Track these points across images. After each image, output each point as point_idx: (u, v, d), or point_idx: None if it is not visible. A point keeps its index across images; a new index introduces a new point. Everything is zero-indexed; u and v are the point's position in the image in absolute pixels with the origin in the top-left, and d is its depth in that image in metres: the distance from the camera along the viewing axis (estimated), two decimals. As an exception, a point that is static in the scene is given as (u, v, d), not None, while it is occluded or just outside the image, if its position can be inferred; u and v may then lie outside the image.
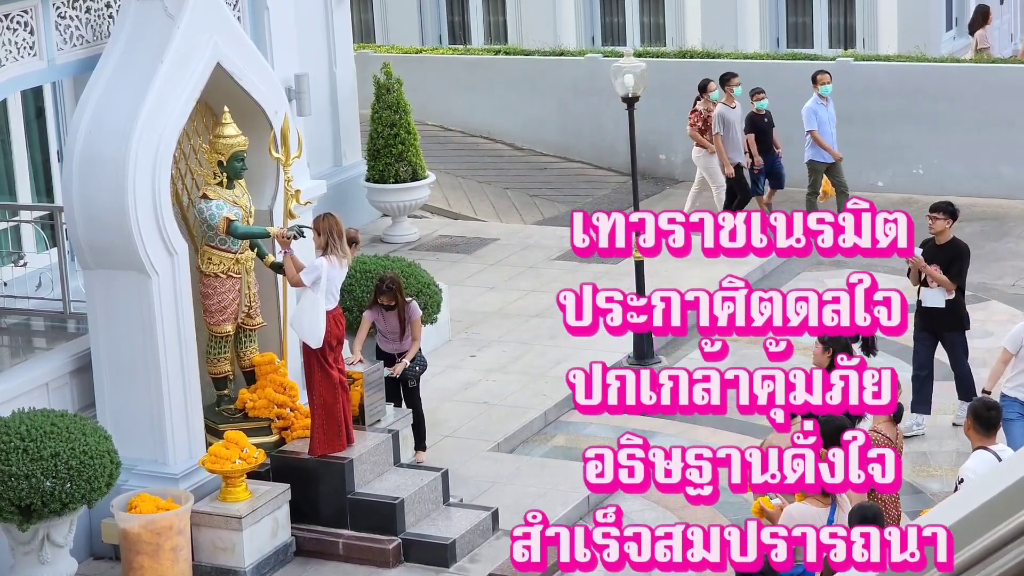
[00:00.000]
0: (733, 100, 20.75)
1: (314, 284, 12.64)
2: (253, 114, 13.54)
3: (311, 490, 12.95)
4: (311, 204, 14.02)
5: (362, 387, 13.38)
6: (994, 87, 22.21)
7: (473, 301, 18.52)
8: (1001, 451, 10.96)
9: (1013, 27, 29.01)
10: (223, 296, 13.33)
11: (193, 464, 12.88)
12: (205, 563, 12.55)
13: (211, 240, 13.24)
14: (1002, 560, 5.18)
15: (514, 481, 14.04)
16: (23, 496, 11.46)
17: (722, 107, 20.63)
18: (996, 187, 22.12)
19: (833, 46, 26.30)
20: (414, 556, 12.75)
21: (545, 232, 21.17)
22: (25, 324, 14.71)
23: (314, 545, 12.90)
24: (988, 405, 11.16)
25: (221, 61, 13.13)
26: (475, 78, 25.13)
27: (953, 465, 13.97)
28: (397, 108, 20.54)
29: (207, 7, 13.02)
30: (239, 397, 13.52)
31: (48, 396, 12.86)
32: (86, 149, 12.66)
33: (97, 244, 12.73)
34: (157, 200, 12.65)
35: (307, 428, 13.16)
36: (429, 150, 22.33)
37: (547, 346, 16.93)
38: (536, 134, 24.73)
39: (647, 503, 13.61)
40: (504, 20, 28.40)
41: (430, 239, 20.91)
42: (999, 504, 5.21)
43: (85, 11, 13.21)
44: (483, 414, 15.52)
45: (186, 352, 12.92)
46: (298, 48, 15.38)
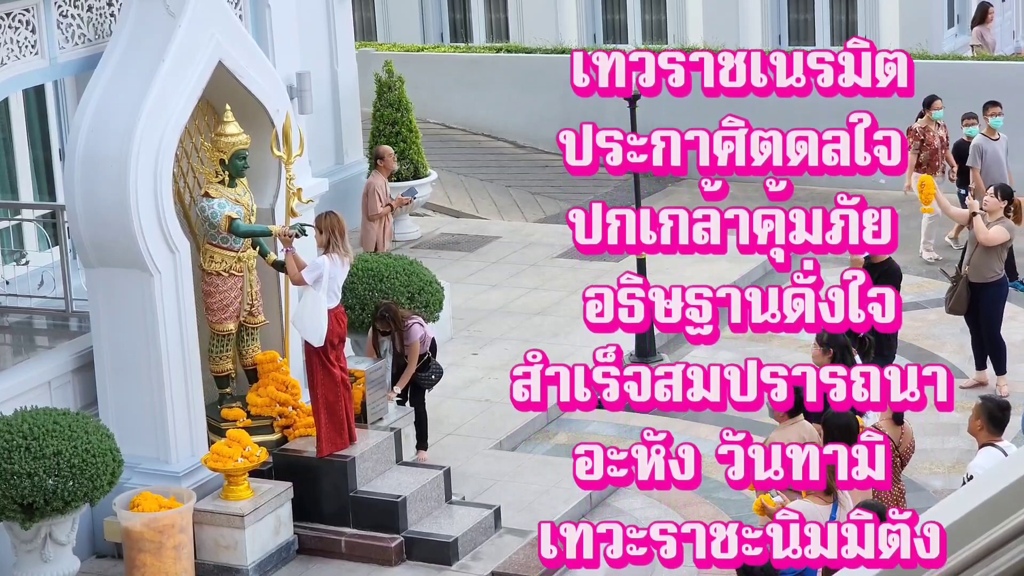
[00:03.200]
0: (995, 132, 19.02)
1: (316, 282, 12.64)
2: (255, 112, 13.54)
3: (313, 488, 12.95)
4: (313, 202, 14.03)
5: (364, 385, 13.37)
6: (996, 84, 22.18)
7: (475, 299, 18.52)
8: (1007, 447, 10.99)
9: (1016, 24, 29.00)
10: (225, 294, 13.33)
11: (195, 462, 12.88)
12: (207, 561, 12.55)
13: (213, 238, 13.24)
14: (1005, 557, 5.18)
15: (516, 479, 14.03)
16: (26, 494, 11.46)
17: (980, 137, 19.05)
18: (999, 184, 22.06)
19: (835, 43, 26.29)
20: (416, 554, 12.75)
21: (547, 230, 21.17)
22: (27, 322, 14.71)
23: (316, 543, 12.90)
24: (1002, 406, 11.19)
25: (223, 59, 13.13)
26: (477, 76, 25.13)
27: (955, 462, 13.98)
28: (399, 106, 20.54)
29: (209, 5, 13.01)
30: (248, 400, 13.51)
31: (50, 394, 12.86)
32: (88, 147, 12.65)
33: (99, 242, 12.73)
34: (159, 198, 12.65)
35: (309, 427, 13.17)
36: (431, 148, 22.34)
37: (549, 344, 16.92)
38: (538, 132, 24.72)
39: (649, 500, 13.61)
40: (505, 18, 28.40)
41: (432, 237, 20.91)
42: (1002, 501, 5.21)
43: (87, 10, 13.21)
44: (485, 412, 15.51)
45: (188, 350, 12.92)
46: (300, 46, 15.37)
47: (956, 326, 16.29)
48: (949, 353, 16.46)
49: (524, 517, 13.27)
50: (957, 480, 12.46)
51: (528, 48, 25.67)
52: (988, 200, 15.35)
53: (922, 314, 17.54)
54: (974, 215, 15.25)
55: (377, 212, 17.51)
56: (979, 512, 5.23)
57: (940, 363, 6.45)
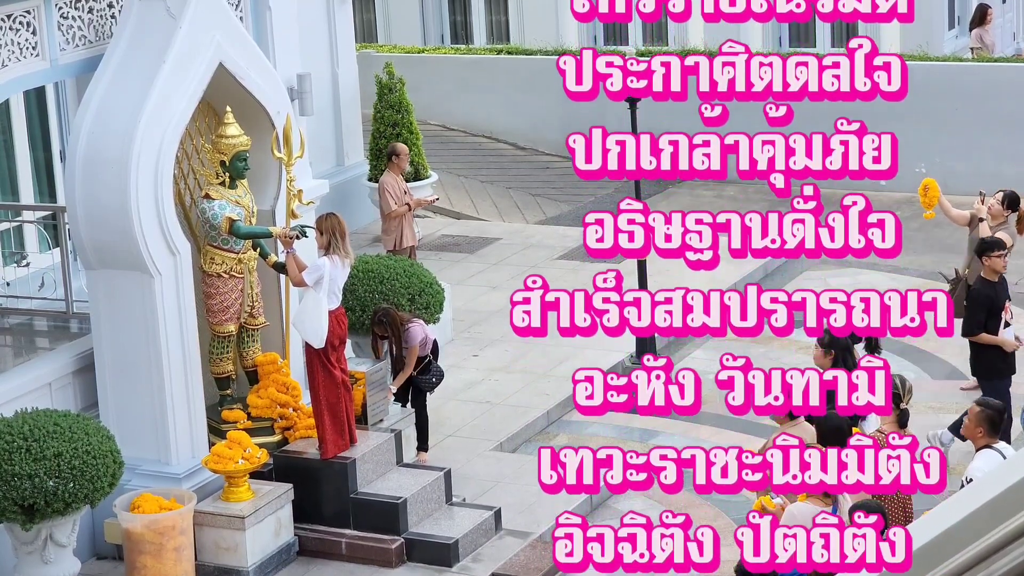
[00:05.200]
0: None
1: (316, 284, 12.64)
2: (255, 114, 13.54)
3: (314, 490, 12.95)
4: (313, 204, 14.03)
5: (364, 387, 13.38)
6: (996, 86, 22.20)
7: (475, 300, 18.52)
8: (1005, 449, 11.01)
9: (1016, 25, 28.98)
10: (225, 296, 13.34)
11: (196, 464, 12.88)
12: (208, 563, 12.56)
13: (213, 240, 13.24)
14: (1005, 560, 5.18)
15: (517, 480, 14.03)
16: (26, 496, 11.46)
17: None
18: (998, 186, 22.02)
19: (835, 45, 26.29)
20: (417, 556, 12.76)
21: (547, 231, 21.17)
22: (28, 324, 14.72)
23: (317, 545, 12.91)
24: (999, 410, 11.24)
25: (223, 61, 13.14)
26: (477, 78, 25.12)
27: (956, 463, 13.97)
28: (399, 108, 20.52)
29: (209, 7, 13.02)
30: (249, 402, 13.51)
31: (51, 396, 12.86)
32: (89, 149, 12.66)
33: (100, 244, 12.74)
34: (159, 200, 12.66)
35: (310, 428, 13.17)
36: (431, 150, 22.33)
37: (549, 346, 16.92)
38: (538, 133, 24.72)
39: (649, 502, 13.61)
40: (506, 20, 28.39)
41: (433, 238, 20.91)
42: (1002, 503, 5.21)
43: (87, 11, 13.21)
44: (485, 413, 15.52)
45: (189, 352, 12.92)
46: (300, 48, 15.38)
47: (955, 326, 16.26)
48: (949, 355, 16.44)
49: (525, 519, 13.27)
50: (957, 481, 12.44)
51: (529, 50, 25.67)
52: (993, 206, 15.36)
53: (922, 316, 17.51)
54: (981, 220, 15.24)
55: (392, 210, 17.43)
56: (980, 514, 5.23)
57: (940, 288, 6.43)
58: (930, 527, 5.36)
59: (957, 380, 15.95)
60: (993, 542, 5.21)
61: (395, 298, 14.89)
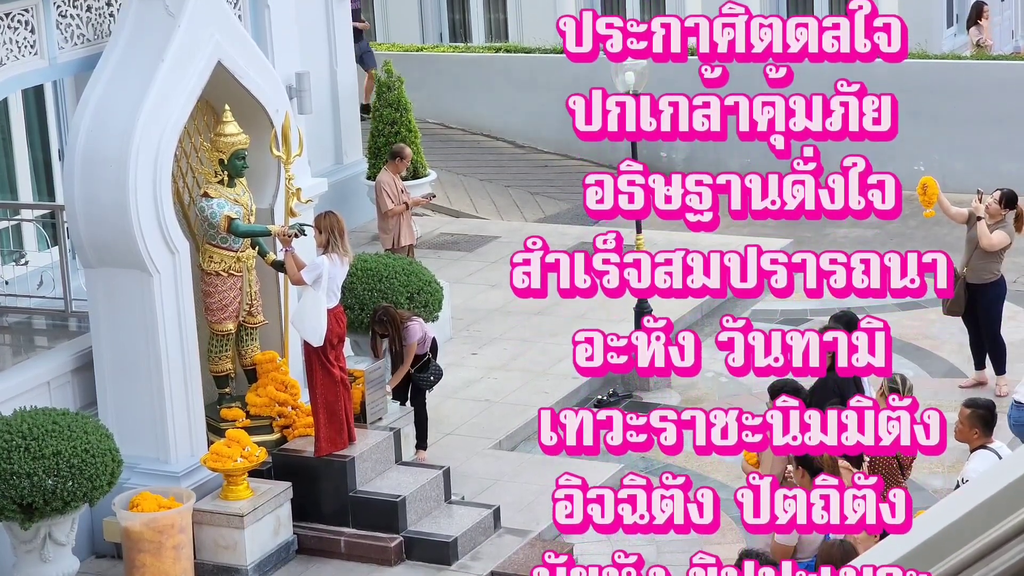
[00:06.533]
0: None
1: (315, 282, 12.64)
2: (254, 112, 13.54)
3: (313, 488, 12.95)
4: (312, 202, 14.03)
5: (363, 385, 13.38)
6: (995, 83, 22.20)
7: (474, 299, 18.52)
8: (1000, 449, 11.00)
9: (1014, 23, 28.99)
10: (224, 294, 13.34)
11: (195, 462, 12.88)
12: (207, 561, 12.56)
13: (212, 238, 13.24)
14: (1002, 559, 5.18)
15: (516, 479, 14.04)
16: (25, 494, 11.46)
17: None
18: (997, 183, 22.03)
19: (834, 13, 26.28)
20: (416, 554, 12.76)
21: (546, 230, 21.15)
22: (27, 323, 14.71)
23: (316, 543, 12.91)
24: (990, 408, 11.22)
25: (222, 59, 13.13)
26: (476, 76, 25.12)
27: (955, 461, 13.97)
28: (398, 106, 20.51)
29: (208, 5, 13.01)
30: (248, 401, 13.51)
31: (50, 394, 12.86)
32: (87, 148, 12.66)
33: (98, 242, 12.73)
34: (158, 198, 12.66)
35: (309, 427, 13.17)
36: (430, 148, 22.31)
37: (548, 343, 16.93)
38: (537, 131, 24.71)
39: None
40: (505, 18, 28.39)
41: (431, 237, 20.90)
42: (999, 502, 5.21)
43: (86, 10, 13.21)
44: (484, 411, 15.52)
45: (187, 350, 12.92)
46: (299, 46, 15.38)
47: (955, 326, 16.27)
48: (948, 353, 16.46)
49: (524, 517, 13.28)
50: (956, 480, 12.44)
51: (527, 48, 25.66)
52: (991, 205, 15.36)
53: (921, 314, 17.53)
54: (979, 219, 15.25)
55: (389, 209, 17.44)
56: (977, 512, 5.23)
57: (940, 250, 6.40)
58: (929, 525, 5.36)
59: (956, 378, 15.96)
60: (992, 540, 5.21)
61: (394, 296, 14.89)
